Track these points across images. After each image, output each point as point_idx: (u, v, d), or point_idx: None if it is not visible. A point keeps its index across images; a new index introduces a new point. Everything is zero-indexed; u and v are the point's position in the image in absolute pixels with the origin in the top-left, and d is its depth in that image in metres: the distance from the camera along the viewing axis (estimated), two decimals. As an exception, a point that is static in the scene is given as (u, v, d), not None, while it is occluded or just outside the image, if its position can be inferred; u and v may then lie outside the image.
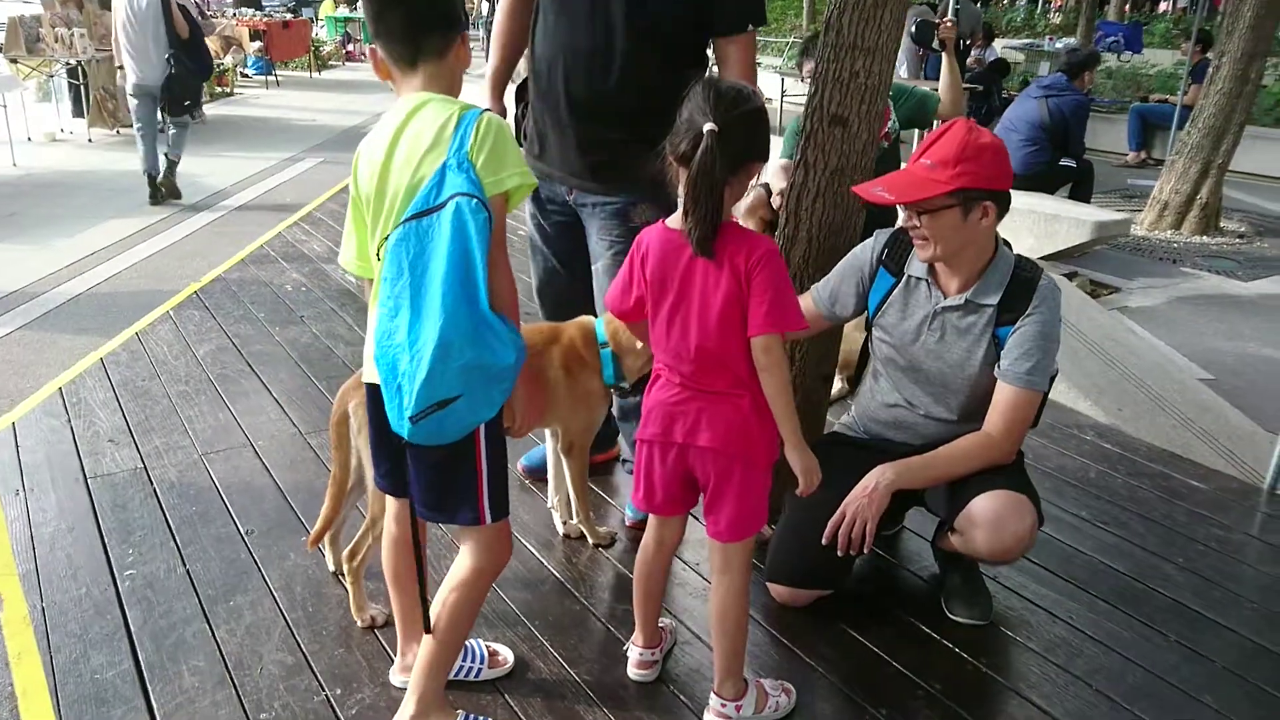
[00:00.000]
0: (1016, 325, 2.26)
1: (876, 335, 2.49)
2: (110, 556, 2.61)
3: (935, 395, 2.41)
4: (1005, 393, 2.26)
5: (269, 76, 14.76)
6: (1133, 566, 2.75)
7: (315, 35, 17.62)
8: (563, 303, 2.87)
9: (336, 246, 5.71)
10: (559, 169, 2.69)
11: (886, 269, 2.43)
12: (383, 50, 1.75)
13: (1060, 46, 12.38)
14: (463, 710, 2.00)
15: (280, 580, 2.52)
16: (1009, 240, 2.39)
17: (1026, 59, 12.43)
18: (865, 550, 2.28)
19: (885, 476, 2.26)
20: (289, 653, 2.26)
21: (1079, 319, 4.33)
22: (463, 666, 2.14)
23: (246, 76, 14.68)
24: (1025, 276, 2.30)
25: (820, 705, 2.18)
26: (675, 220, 1.87)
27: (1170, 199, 7.36)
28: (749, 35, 2.59)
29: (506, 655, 2.23)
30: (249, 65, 14.69)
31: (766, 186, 3.59)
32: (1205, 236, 7.24)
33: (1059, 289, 2.35)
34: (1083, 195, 6.95)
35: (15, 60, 9.60)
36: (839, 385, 3.50)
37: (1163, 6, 26.47)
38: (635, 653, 2.21)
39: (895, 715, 2.13)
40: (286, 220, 6.45)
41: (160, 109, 7.00)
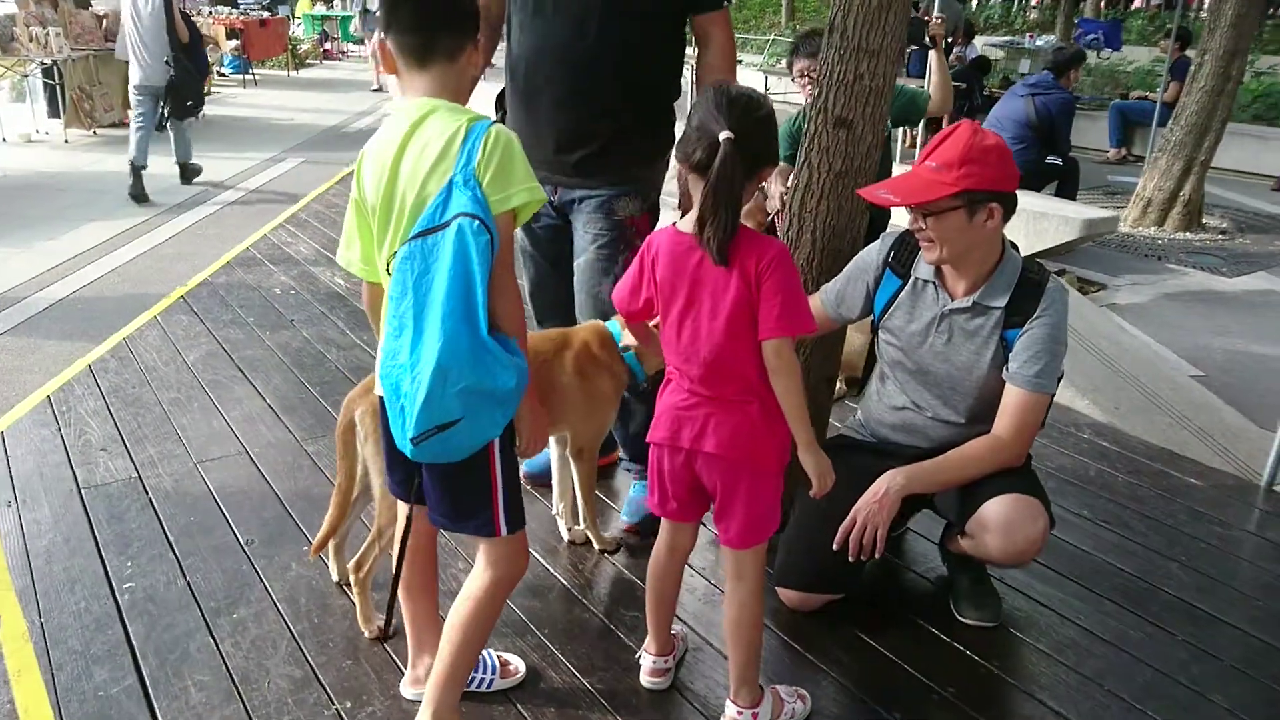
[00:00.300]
0: (1025, 328, 2.26)
1: (883, 338, 2.48)
2: (108, 569, 2.56)
3: (943, 398, 2.41)
4: (1014, 395, 2.26)
5: (246, 75, 14.59)
6: (1137, 565, 2.76)
7: (292, 33, 17.43)
8: (558, 304, 2.85)
9: (323, 249, 5.75)
10: (542, 169, 2.66)
11: (893, 271, 2.42)
12: (393, 44, 1.73)
13: (1040, 44, 12.45)
14: (477, 723, 1.98)
15: (284, 591, 2.49)
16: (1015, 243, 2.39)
17: (1006, 56, 12.49)
18: (876, 555, 2.27)
19: (896, 481, 2.25)
20: (296, 666, 2.22)
21: (1073, 317, 4.32)
22: (475, 678, 2.11)
23: (224, 75, 14.50)
24: (1033, 279, 2.30)
25: (835, 711, 2.17)
26: (686, 224, 1.85)
27: (1154, 196, 7.42)
28: (725, 11, 2.65)
29: (518, 665, 2.21)
30: (226, 64, 14.52)
31: (762, 189, 3.58)
32: (1188, 233, 7.30)
33: (1066, 291, 2.36)
34: (1068, 193, 7.00)
35: (-11, 60, 9.46)
36: (838, 386, 3.49)
37: (1136, 3, 26.74)
38: (648, 660, 2.19)
39: (911, 720, 2.13)
40: (271, 222, 6.37)
41: (163, 110, 7.27)
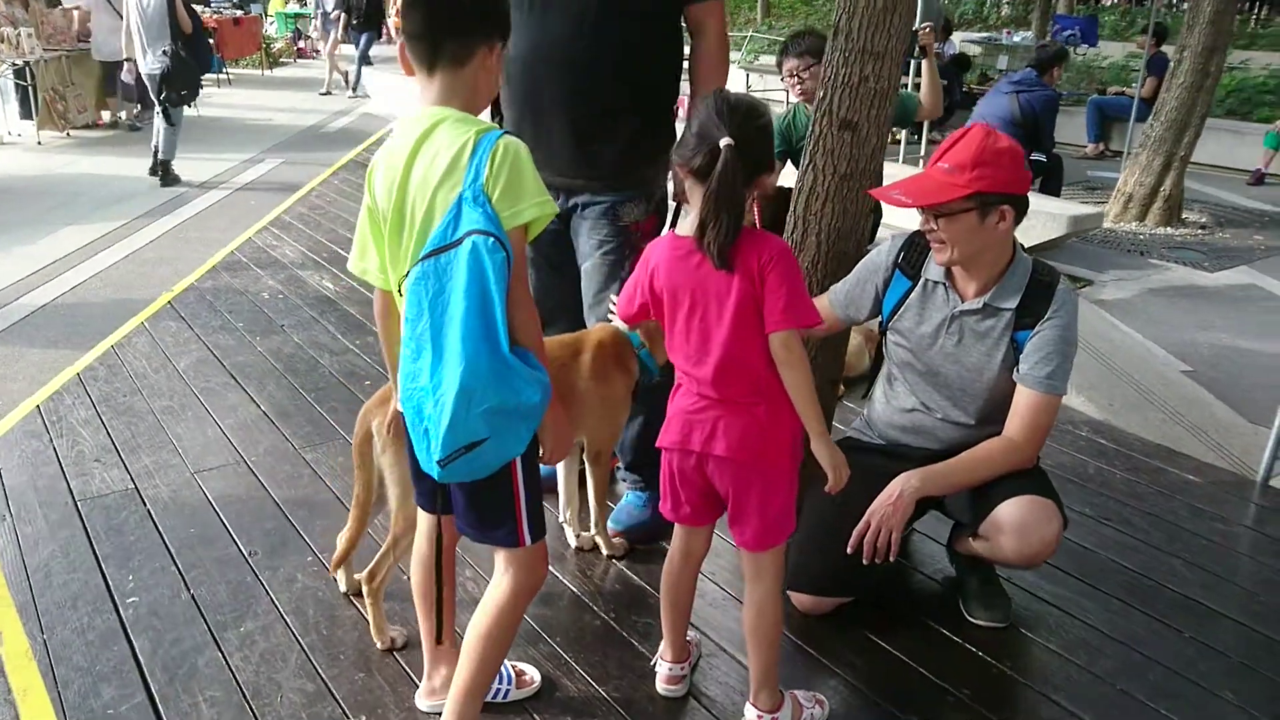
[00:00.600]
0: (1036, 329, 2.27)
1: (892, 339, 2.48)
2: (110, 583, 2.52)
3: (953, 399, 2.41)
4: (1026, 397, 2.27)
5: (220, 74, 14.41)
6: (1140, 562, 2.78)
7: (265, 32, 17.24)
8: (563, 308, 2.83)
9: (310, 252, 5.69)
10: (544, 170, 2.64)
11: (903, 272, 2.43)
12: (408, 49, 1.72)
13: (1018, 40, 12.52)
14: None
15: (291, 603, 2.46)
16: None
17: (984, 52, 12.56)
18: (890, 558, 2.27)
19: (910, 484, 2.25)
20: (308, 679, 2.19)
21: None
22: (491, 689, 2.09)
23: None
24: (1043, 280, 2.31)
25: (851, 715, 2.17)
26: (685, 228, 1.84)
27: (1135, 191, 7.48)
28: (720, 1, 2.61)
29: (533, 675, 2.19)
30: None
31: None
32: (1169, 228, 7.36)
33: (1076, 293, 2.37)
34: (1052, 189, 7.04)
35: (-41, 61, 9.28)
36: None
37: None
38: (664, 668, 2.19)
39: (928, 723, 2.13)
40: (255, 225, 6.29)
41: (156, 97, 7.33)
